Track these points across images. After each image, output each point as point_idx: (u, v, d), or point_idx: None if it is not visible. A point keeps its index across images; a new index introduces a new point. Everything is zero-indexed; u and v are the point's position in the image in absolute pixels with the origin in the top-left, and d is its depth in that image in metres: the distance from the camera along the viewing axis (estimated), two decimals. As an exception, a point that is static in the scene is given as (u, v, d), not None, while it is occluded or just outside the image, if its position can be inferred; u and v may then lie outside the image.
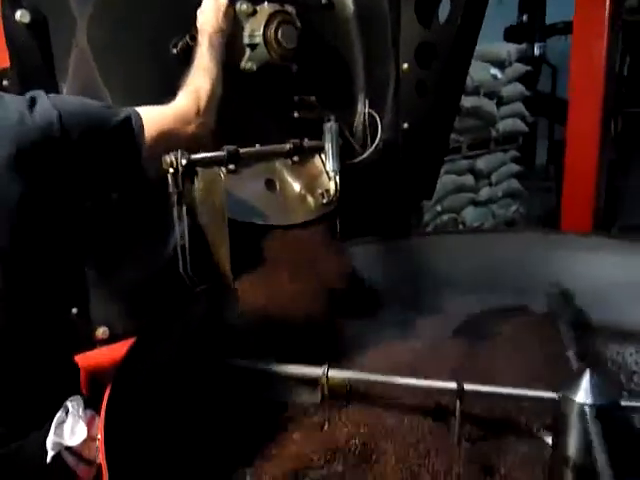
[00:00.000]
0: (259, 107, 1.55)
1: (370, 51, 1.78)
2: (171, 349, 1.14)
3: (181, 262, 1.37)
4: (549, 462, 1.01)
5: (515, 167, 4.81)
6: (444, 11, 1.78)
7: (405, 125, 1.89)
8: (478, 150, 4.42)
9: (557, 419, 1.01)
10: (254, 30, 1.42)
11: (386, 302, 1.46)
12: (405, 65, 1.85)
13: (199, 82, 1.27)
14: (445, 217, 4.14)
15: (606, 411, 0.96)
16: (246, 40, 1.44)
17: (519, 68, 4.55)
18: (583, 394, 0.97)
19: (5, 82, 1.22)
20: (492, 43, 4.56)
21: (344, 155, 1.61)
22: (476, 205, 4.49)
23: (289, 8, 1.48)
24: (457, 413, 1.06)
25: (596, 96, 2.66)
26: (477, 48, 4.63)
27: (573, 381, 0.99)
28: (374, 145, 1.66)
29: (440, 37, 1.77)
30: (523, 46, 4.85)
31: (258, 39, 1.42)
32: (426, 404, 1.12)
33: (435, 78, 1.82)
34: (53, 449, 0.98)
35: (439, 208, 4.05)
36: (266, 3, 1.45)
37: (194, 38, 1.34)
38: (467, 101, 4.05)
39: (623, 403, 1.01)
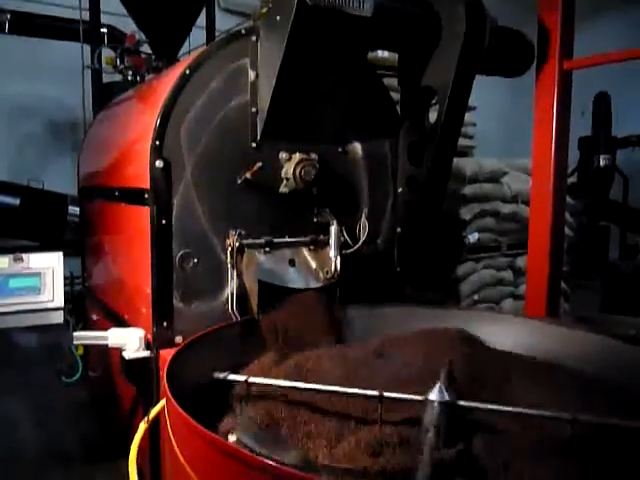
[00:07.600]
0: (291, 214, 2.47)
1: (373, 180, 2.68)
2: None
3: (230, 303, 2.29)
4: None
5: (558, 267, 5.36)
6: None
7: (399, 229, 2.74)
8: (519, 249, 5.07)
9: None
10: (288, 170, 2.37)
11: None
12: (400, 189, 2.73)
13: None
14: (482, 306, 4.77)
15: (449, 406, 1.69)
16: (283, 175, 2.39)
17: (560, 181, 5.22)
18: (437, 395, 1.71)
19: (146, 195, 2.24)
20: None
21: (343, 247, 2.48)
22: (516, 298, 5.08)
23: (313, 155, 2.41)
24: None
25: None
26: (517, 161, 5.43)
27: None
28: (360, 243, 2.53)
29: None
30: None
31: (290, 175, 2.36)
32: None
33: (419, 198, 2.67)
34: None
35: (476, 297, 4.71)
36: (298, 153, 2.39)
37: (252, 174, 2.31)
38: (505, 207, 4.78)
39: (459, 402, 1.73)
